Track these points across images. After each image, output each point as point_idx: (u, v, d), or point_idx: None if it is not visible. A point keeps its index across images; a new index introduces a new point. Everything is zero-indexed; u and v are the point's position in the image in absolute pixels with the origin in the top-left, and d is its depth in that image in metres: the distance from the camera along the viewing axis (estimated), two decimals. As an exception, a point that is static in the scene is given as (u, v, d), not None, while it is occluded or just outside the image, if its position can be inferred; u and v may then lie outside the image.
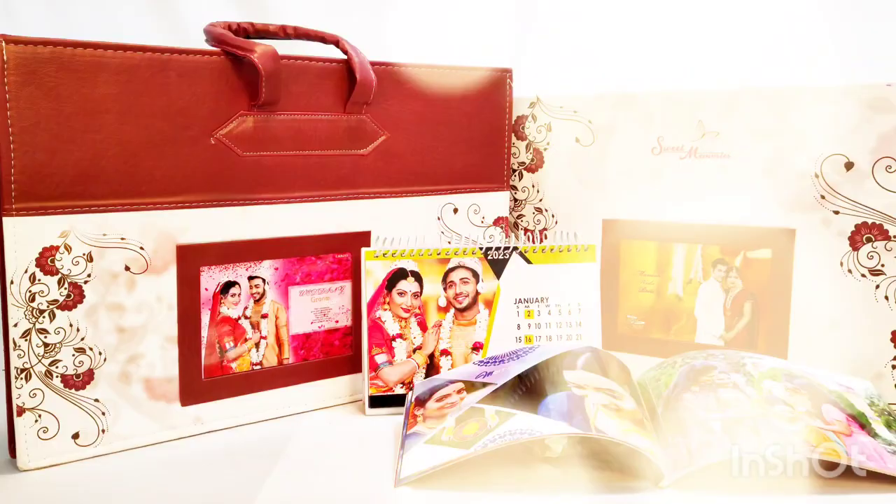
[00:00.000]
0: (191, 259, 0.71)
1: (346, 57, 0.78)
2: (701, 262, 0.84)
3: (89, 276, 0.67)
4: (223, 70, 0.71)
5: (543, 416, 0.64)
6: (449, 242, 0.87)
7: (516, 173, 0.93)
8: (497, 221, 0.91)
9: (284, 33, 0.79)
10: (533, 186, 0.93)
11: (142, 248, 0.69)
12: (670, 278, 0.85)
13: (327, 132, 0.78)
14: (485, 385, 0.71)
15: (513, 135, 0.93)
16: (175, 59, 0.68)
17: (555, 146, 0.91)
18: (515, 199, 0.94)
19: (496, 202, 0.91)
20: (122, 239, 0.68)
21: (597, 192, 0.88)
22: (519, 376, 0.70)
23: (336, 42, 0.78)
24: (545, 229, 0.92)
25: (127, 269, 0.68)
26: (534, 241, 0.93)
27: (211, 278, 0.73)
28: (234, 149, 0.72)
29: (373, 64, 0.80)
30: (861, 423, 0.66)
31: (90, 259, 0.66)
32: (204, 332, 0.73)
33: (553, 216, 0.92)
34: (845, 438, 0.63)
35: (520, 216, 0.94)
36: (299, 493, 0.62)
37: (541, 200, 0.92)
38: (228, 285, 0.74)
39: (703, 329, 0.84)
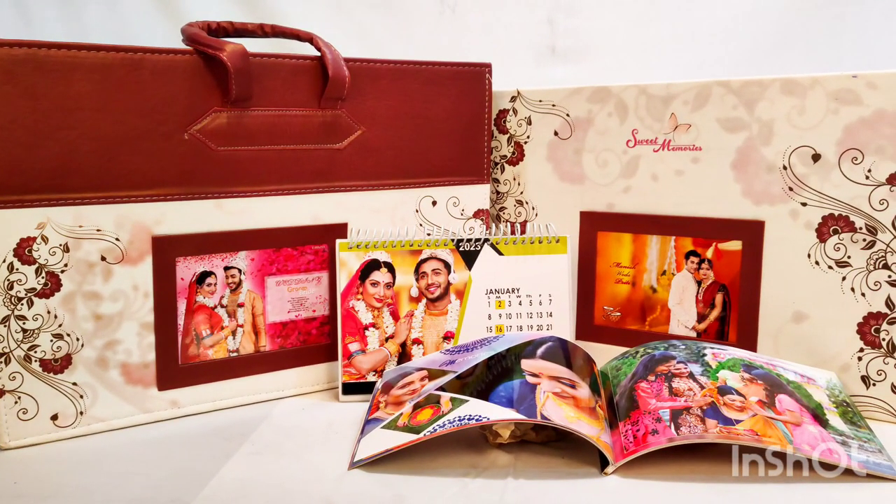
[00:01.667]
0: (166, 250, 0.75)
1: (319, 54, 0.80)
2: (674, 254, 0.84)
3: (66, 265, 0.70)
4: (196, 68, 0.74)
5: (494, 402, 0.66)
6: (428, 234, 0.89)
7: (498, 166, 0.95)
8: (477, 214, 0.93)
9: (262, 31, 0.82)
10: (514, 179, 0.94)
11: (117, 240, 0.72)
12: (645, 270, 0.86)
13: (302, 127, 0.80)
14: (446, 373, 0.72)
15: (495, 128, 0.94)
16: (148, 58, 0.71)
17: (534, 139, 0.92)
18: (498, 192, 0.96)
19: (476, 195, 0.92)
20: (98, 230, 0.71)
21: (574, 185, 0.89)
22: (487, 364, 0.71)
23: (310, 39, 0.81)
24: (526, 221, 0.94)
25: (103, 259, 0.72)
26: (515, 233, 0.94)
27: (187, 268, 0.76)
28: (208, 143, 0.75)
29: (348, 60, 0.82)
30: (815, 413, 0.66)
31: (66, 249, 0.70)
32: (180, 321, 0.76)
33: (534, 208, 0.93)
34: (794, 428, 0.64)
35: (502, 208, 0.96)
36: (255, 474, 0.64)
37: (521, 193, 0.94)
38: (204, 275, 0.77)
39: (676, 320, 0.85)
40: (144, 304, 0.74)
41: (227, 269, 0.79)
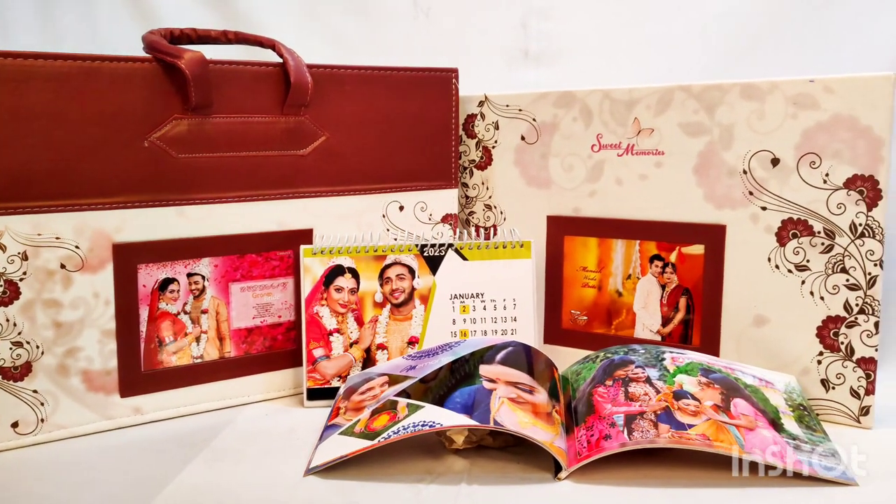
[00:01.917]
0: (127, 257, 0.75)
1: (282, 60, 0.80)
2: (639, 258, 0.84)
3: (24, 273, 0.70)
4: (155, 76, 0.74)
5: (449, 409, 0.66)
6: (395, 239, 0.89)
7: (467, 171, 0.95)
8: (445, 218, 0.93)
9: (226, 38, 0.82)
10: (483, 184, 0.94)
11: (77, 247, 0.72)
12: (611, 274, 0.86)
13: (264, 134, 0.80)
14: (405, 379, 0.73)
15: (463, 133, 0.94)
16: (106, 66, 0.72)
17: (502, 144, 0.92)
18: (467, 197, 0.96)
19: (444, 199, 0.93)
20: (57, 238, 0.71)
21: (541, 189, 0.90)
22: (451, 368, 0.71)
23: (272, 46, 0.81)
24: (495, 226, 0.94)
25: (62, 266, 0.72)
26: (486, 238, 0.94)
27: (149, 275, 0.76)
28: (168, 151, 0.75)
29: (311, 66, 0.82)
30: (770, 418, 0.67)
31: (25, 258, 0.70)
32: (143, 327, 0.77)
33: (502, 213, 0.93)
34: (747, 433, 0.64)
35: (471, 213, 0.96)
36: (212, 480, 0.64)
37: (490, 197, 0.94)
38: (167, 282, 0.78)
39: (641, 323, 0.85)
40: (105, 312, 0.74)
41: (189, 275, 0.79)
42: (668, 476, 0.64)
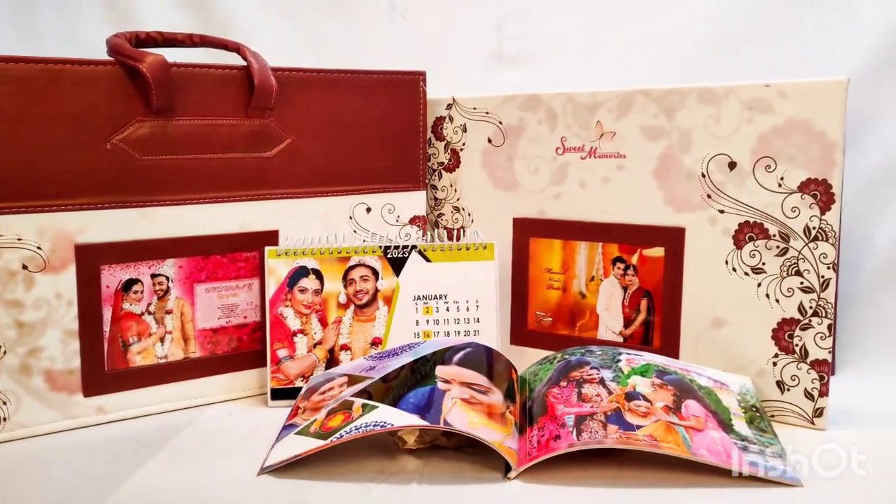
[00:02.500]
0: (90, 258, 0.75)
1: (246, 63, 0.81)
2: (602, 260, 0.85)
3: (-14, 273, 0.71)
4: (118, 79, 0.75)
5: (402, 409, 0.66)
6: (364, 241, 0.90)
7: (436, 173, 0.96)
8: (413, 220, 0.94)
9: (191, 41, 0.83)
10: (451, 186, 0.95)
11: (39, 248, 0.73)
12: (575, 275, 0.87)
13: (229, 136, 0.81)
14: (364, 379, 0.73)
15: (432, 135, 0.95)
16: (68, 69, 0.72)
17: (470, 146, 0.93)
18: (436, 199, 0.97)
19: (412, 201, 0.93)
20: (19, 239, 0.72)
21: (507, 191, 0.90)
22: (412, 368, 0.72)
23: (237, 49, 0.82)
24: (463, 227, 0.95)
25: (24, 267, 0.73)
26: (455, 239, 0.95)
27: (112, 276, 0.77)
28: (131, 153, 0.76)
29: (276, 70, 0.83)
30: (721, 419, 0.67)
31: (-14, 258, 0.71)
32: (106, 328, 0.77)
33: (470, 215, 0.94)
34: (695, 434, 0.64)
35: (440, 215, 0.96)
36: (167, 479, 0.65)
37: (458, 199, 0.94)
38: (130, 283, 0.78)
39: (604, 325, 0.85)
40: (68, 312, 0.75)
41: (154, 276, 0.79)
42: (616, 476, 0.64)
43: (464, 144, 0.93)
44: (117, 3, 1.17)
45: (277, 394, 0.82)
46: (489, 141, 0.91)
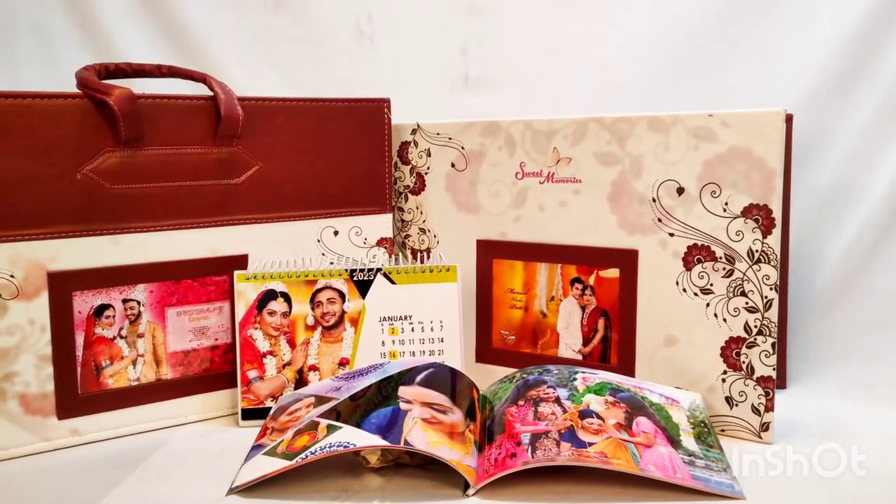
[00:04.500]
0: (62, 285, 0.78)
1: (213, 93, 0.84)
2: (561, 281, 0.88)
3: (-40, 302, 0.73)
4: (86, 111, 0.77)
5: (364, 429, 0.69)
6: (331, 263, 0.93)
7: (402, 195, 0.99)
8: (380, 242, 0.96)
9: (160, 72, 0.85)
10: (417, 208, 0.98)
11: (12, 276, 0.75)
12: (536, 295, 0.90)
13: (197, 164, 0.84)
14: (331, 399, 0.76)
15: (398, 159, 0.98)
16: (36, 103, 0.75)
17: (434, 171, 0.96)
18: (402, 220, 0.99)
19: (379, 224, 0.96)
20: (-8, 268, 0.74)
21: (470, 214, 0.93)
22: (379, 387, 0.75)
23: (203, 79, 0.84)
24: (429, 249, 0.97)
25: (-2, 295, 0.75)
26: (421, 261, 0.98)
27: (84, 302, 0.79)
28: (101, 182, 0.79)
29: (242, 99, 0.85)
30: (669, 434, 0.71)
31: (-40, 287, 0.73)
32: (79, 352, 0.79)
33: (435, 236, 0.97)
34: (644, 450, 0.68)
35: (407, 236, 0.99)
36: (137, 500, 0.68)
37: (424, 222, 0.97)
38: (102, 308, 0.81)
39: (564, 343, 0.89)
40: (42, 338, 0.77)
41: (125, 301, 0.82)
42: (569, 492, 0.67)
43: (428, 168, 0.96)
44: (94, 34, 1.19)
45: (248, 414, 0.84)
46: (452, 165, 0.94)
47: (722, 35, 1.03)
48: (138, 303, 0.83)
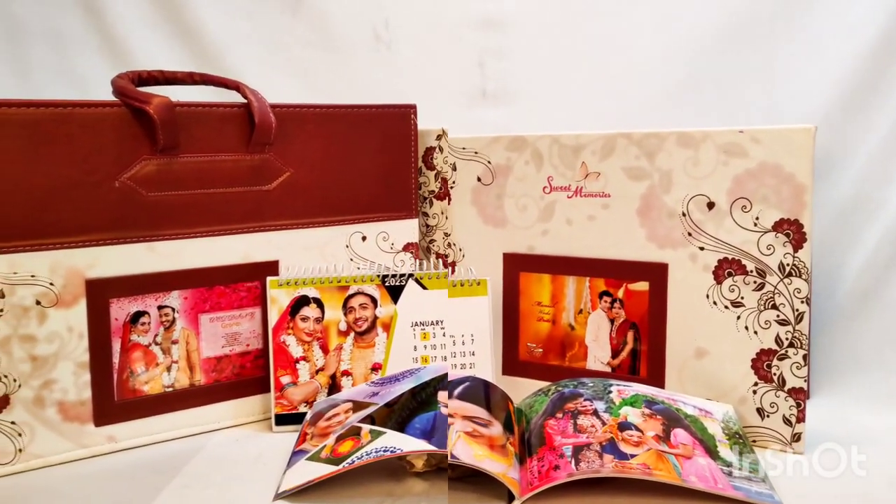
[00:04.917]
0: (99, 292, 0.78)
1: (246, 101, 0.84)
2: (589, 294, 0.90)
3: (1, 310, 0.73)
4: (124, 120, 0.78)
5: (409, 434, 0.70)
6: (358, 268, 0.94)
7: (427, 200, 1.00)
8: (407, 247, 0.97)
9: (192, 79, 0.86)
10: (442, 213, 0.99)
11: (51, 284, 0.75)
12: (564, 308, 0.91)
13: (231, 171, 0.84)
14: (369, 405, 0.77)
15: (423, 165, 0.99)
16: (77, 112, 0.75)
17: (460, 184, 0.97)
18: (427, 225, 1.00)
19: (405, 229, 0.97)
20: (33, 276, 0.74)
21: (497, 228, 0.94)
22: (413, 393, 0.76)
23: (237, 87, 0.85)
24: (454, 263, 0.98)
25: (38, 303, 0.75)
26: (446, 267, 0.99)
27: (120, 309, 0.80)
28: (138, 190, 0.79)
29: (274, 106, 0.86)
30: (707, 446, 0.72)
31: (2, 295, 0.73)
32: (115, 359, 0.80)
33: (461, 250, 0.98)
34: (684, 461, 0.69)
35: (431, 241, 1.00)
36: (183, 509, 0.68)
37: (449, 226, 0.98)
38: (138, 315, 0.81)
39: (592, 356, 0.90)
40: (79, 345, 0.77)
41: (160, 308, 0.82)
42: (610, 503, 0.69)
43: (454, 182, 0.97)
44: (110, 39, 1.18)
45: (282, 419, 0.85)
46: (479, 179, 0.95)
47: (740, 49, 1.05)
48: (173, 309, 0.83)
